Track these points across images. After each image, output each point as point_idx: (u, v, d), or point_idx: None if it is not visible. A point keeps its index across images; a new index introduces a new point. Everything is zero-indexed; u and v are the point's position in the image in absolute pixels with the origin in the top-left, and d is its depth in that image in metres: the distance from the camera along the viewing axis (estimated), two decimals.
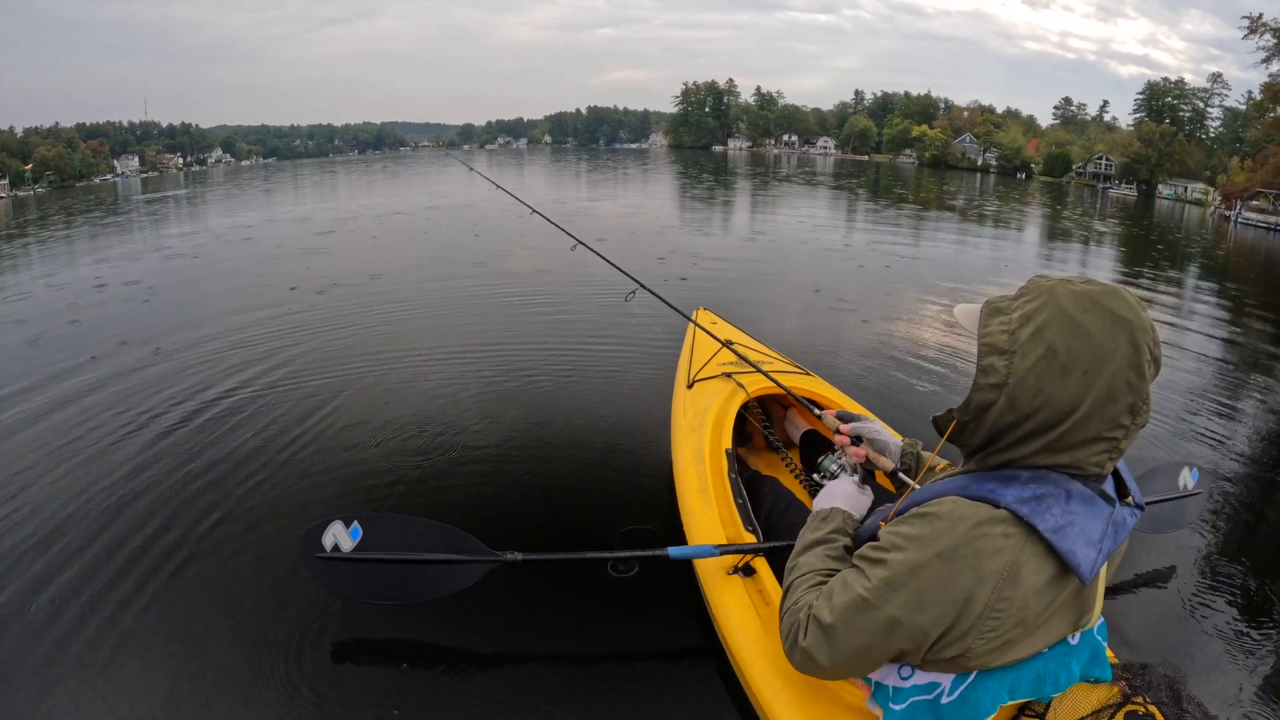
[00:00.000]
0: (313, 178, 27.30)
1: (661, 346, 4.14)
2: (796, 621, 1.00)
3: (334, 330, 4.79)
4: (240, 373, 3.89)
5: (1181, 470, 2.08)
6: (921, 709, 0.97)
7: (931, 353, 4.43)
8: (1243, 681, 1.74)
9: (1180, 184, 40.41)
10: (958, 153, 58.48)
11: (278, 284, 6.44)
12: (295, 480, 2.66)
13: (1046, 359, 0.84)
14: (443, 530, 1.64)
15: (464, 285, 6.22)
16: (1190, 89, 48.36)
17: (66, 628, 1.87)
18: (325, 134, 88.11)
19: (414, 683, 1.70)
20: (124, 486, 2.62)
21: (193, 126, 68.36)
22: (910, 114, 65.04)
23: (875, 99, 73.01)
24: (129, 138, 61.35)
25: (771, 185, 23.74)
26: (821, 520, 1.20)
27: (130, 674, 1.71)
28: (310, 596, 1.94)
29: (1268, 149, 29.52)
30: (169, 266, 8.07)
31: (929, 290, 6.53)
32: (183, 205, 18.52)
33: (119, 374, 3.93)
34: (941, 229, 13.04)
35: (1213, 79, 51.12)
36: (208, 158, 66.23)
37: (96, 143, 54.88)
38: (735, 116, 78.00)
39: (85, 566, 2.14)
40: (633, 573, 1.76)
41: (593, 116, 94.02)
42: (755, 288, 6.50)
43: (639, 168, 32.70)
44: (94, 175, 49.35)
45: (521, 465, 2.79)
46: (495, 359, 4.10)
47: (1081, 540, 0.85)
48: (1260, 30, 26.79)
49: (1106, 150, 48.60)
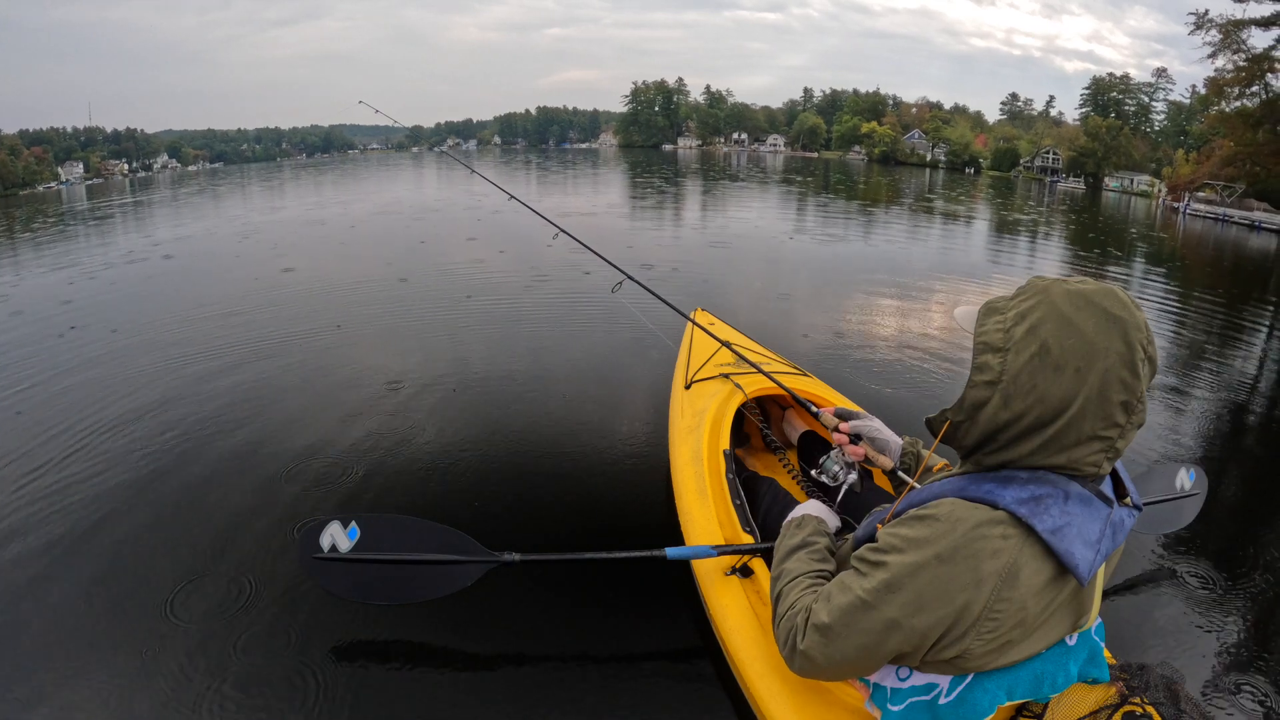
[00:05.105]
0: (261, 183, 26.56)
1: (660, 347, 4.14)
2: (794, 625, 1.00)
3: (332, 330, 4.79)
4: (239, 373, 3.89)
5: (1179, 471, 2.08)
6: (919, 710, 0.97)
7: (931, 353, 4.44)
8: (1240, 682, 1.74)
9: (1126, 176, 41.29)
10: (907, 149, 59.41)
11: (276, 284, 6.43)
12: (293, 481, 2.66)
13: (1040, 356, 0.84)
14: (440, 531, 1.64)
15: (458, 288, 6.21)
16: (1135, 84, 49.99)
17: (64, 628, 1.87)
18: (273, 138, 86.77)
19: (410, 683, 1.70)
20: (120, 489, 2.62)
21: (138, 132, 66.94)
22: (859, 111, 65.74)
23: (824, 96, 73.81)
24: (73, 144, 59.75)
25: (733, 182, 23.64)
26: (796, 526, 1.24)
27: (128, 674, 1.71)
28: (308, 597, 1.94)
29: (1213, 142, 30.03)
30: (168, 266, 8.06)
31: (923, 290, 6.54)
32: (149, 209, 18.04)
33: (109, 366, 3.93)
34: (893, 224, 13.17)
35: (1157, 74, 52.24)
36: (153, 163, 64.86)
37: (40, 150, 53.26)
38: (685, 115, 78.37)
39: (84, 567, 2.14)
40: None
41: (542, 117, 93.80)
42: (742, 287, 6.51)
43: (590, 167, 32.32)
44: (37, 183, 47.71)
45: (519, 466, 2.79)
46: (493, 360, 4.10)
47: (1079, 541, 0.85)
48: (1206, 26, 27.24)
49: (1054, 144, 49.49)
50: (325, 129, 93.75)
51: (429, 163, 41.60)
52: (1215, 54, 27.26)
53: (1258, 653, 1.84)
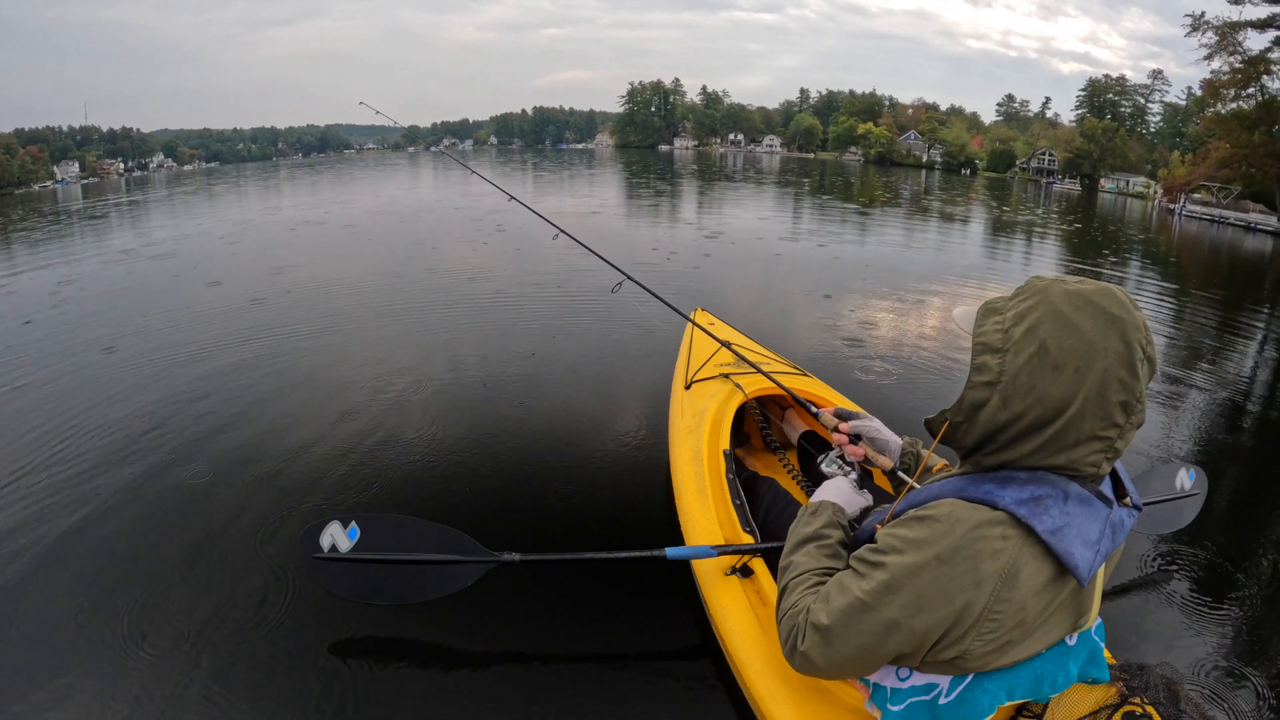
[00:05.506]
0: (257, 183, 26.33)
1: (659, 347, 4.15)
2: (795, 625, 1.00)
3: (331, 331, 4.79)
4: (237, 373, 3.88)
5: (1179, 471, 2.08)
6: (919, 710, 0.97)
7: (930, 354, 4.44)
8: (1240, 682, 1.74)
9: (1122, 178, 41.54)
10: (903, 150, 59.63)
11: (274, 284, 6.42)
12: (293, 481, 2.65)
13: (1039, 356, 0.84)
14: (440, 531, 1.64)
15: (457, 288, 6.21)
16: (1131, 85, 50.22)
17: (62, 628, 1.86)
18: (269, 137, 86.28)
19: (410, 683, 1.70)
20: (120, 487, 2.61)
21: (134, 131, 66.50)
22: (855, 112, 65.89)
23: (820, 97, 73.91)
24: (69, 143, 59.37)
25: (730, 183, 23.66)
26: (811, 515, 1.20)
27: (126, 674, 1.70)
28: (308, 597, 1.94)
29: (1209, 144, 30.12)
30: (154, 267, 8.05)
31: (921, 290, 6.55)
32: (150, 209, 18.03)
33: (104, 364, 3.92)
34: (890, 226, 13.16)
35: (1153, 75, 52.73)
36: (149, 163, 64.39)
37: (36, 149, 52.98)
38: (681, 116, 78.34)
39: (82, 567, 2.13)
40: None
41: (538, 117, 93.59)
42: (741, 288, 6.51)
43: (586, 168, 32.18)
44: (33, 182, 47.48)
45: (519, 466, 2.79)
46: (493, 360, 4.09)
47: (1079, 541, 0.85)
48: (1202, 28, 27.28)
49: (1049, 146, 49.71)
50: (321, 129, 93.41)
51: (425, 162, 41.47)
52: (1211, 56, 27.42)
53: (1257, 653, 1.85)
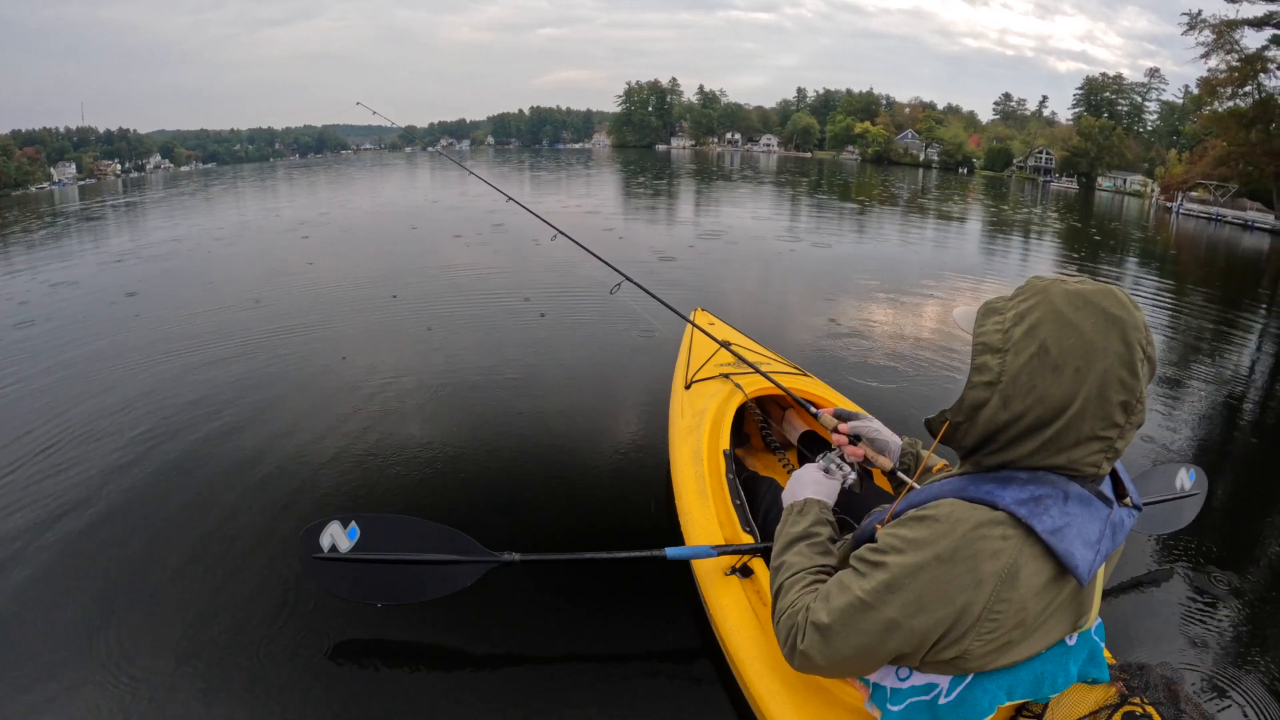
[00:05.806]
0: (254, 184, 26.25)
1: (659, 347, 4.14)
2: (795, 624, 1.00)
3: (330, 332, 4.79)
4: (236, 374, 3.88)
5: (1179, 471, 2.09)
6: (919, 710, 0.97)
7: (930, 354, 4.44)
8: (1240, 682, 1.74)
9: (1119, 176, 41.59)
10: (900, 149, 59.56)
11: (273, 285, 6.42)
12: (292, 481, 2.65)
13: (1039, 356, 0.84)
14: (441, 531, 1.64)
15: (457, 289, 6.21)
16: (1128, 84, 50.13)
17: (62, 628, 1.86)
18: (266, 138, 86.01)
19: (410, 683, 1.70)
20: (120, 487, 2.61)
21: (130, 132, 66.11)
22: (852, 111, 65.81)
23: (817, 96, 73.73)
24: (65, 144, 58.69)
25: (728, 182, 23.69)
26: (798, 514, 1.20)
27: (125, 674, 1.70)
28: (307, 597, 1.94)
29: (1206, 142, 30.09)
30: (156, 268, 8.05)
31: (920, 290, 6.55)
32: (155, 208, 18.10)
33: (104, 365, 3.92)
34: (888, 225, 13.20)
35: (1150, 74, 52.28)
36: (146, 164, 64.14)
37: (33, 150, 52.57)
38: (678, 115, 78.21)
39: (81, 567, 2.13)
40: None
41: (536, 117, 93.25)
42: (740, 288, 6.51)
43: (583, 168, 32.10)
44: (30, 183, 47.26)
45: (519, 466, 2.79)
46: (493, 360, 4.10)
47: (1079, 541, 0.85)
48: (1199, 26, 27.32)
49: (1046, 144, 49.70)
50: (318, 129, 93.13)
51: (422, 163, 41.45)
52: (1208, 54, 27.47)
53: (1257, 653, 1.85)
